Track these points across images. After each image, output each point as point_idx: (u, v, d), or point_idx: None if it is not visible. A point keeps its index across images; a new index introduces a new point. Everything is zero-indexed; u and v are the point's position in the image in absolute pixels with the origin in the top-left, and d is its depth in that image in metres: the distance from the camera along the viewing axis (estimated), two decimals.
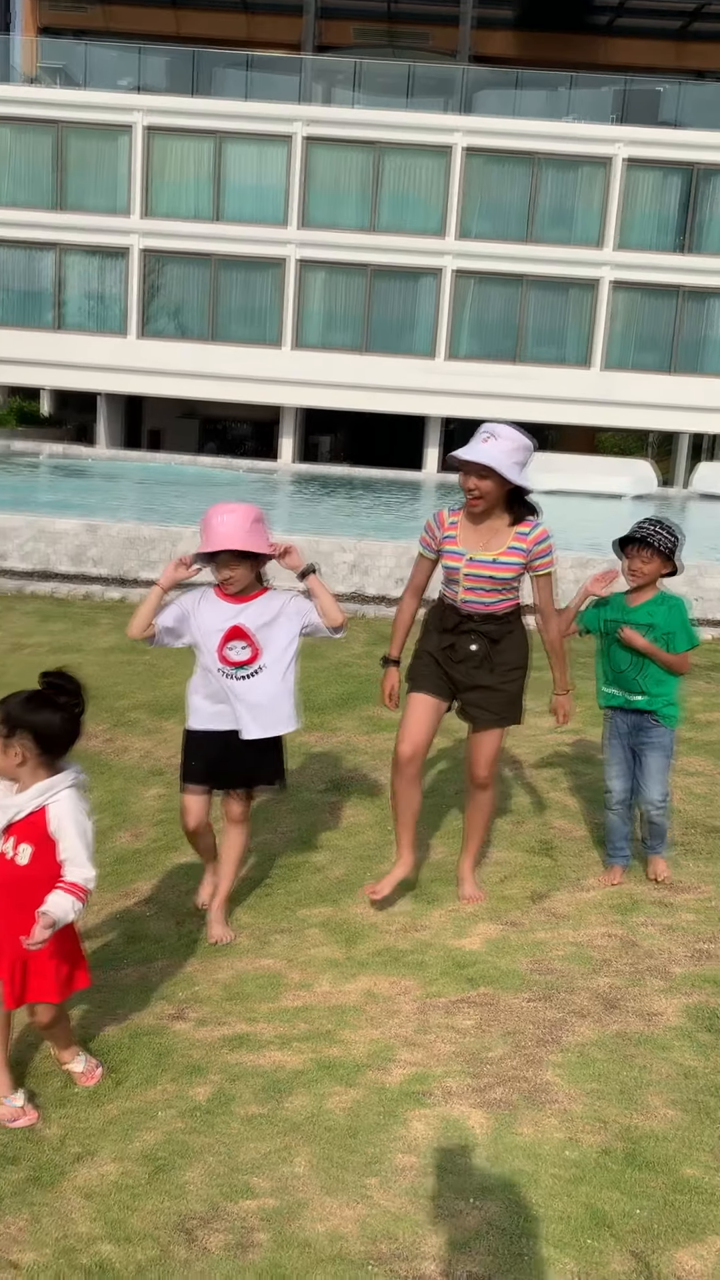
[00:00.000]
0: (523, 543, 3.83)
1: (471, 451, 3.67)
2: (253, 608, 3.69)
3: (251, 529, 3.56)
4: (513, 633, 3.96)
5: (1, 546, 11.36)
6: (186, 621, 3.71)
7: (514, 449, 3.68)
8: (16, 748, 2.70)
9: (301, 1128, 2.85)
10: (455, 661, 3.96)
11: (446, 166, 30.33)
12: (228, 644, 3.66)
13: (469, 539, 3.86)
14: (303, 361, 31.02)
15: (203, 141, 30.40)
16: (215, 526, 3.55)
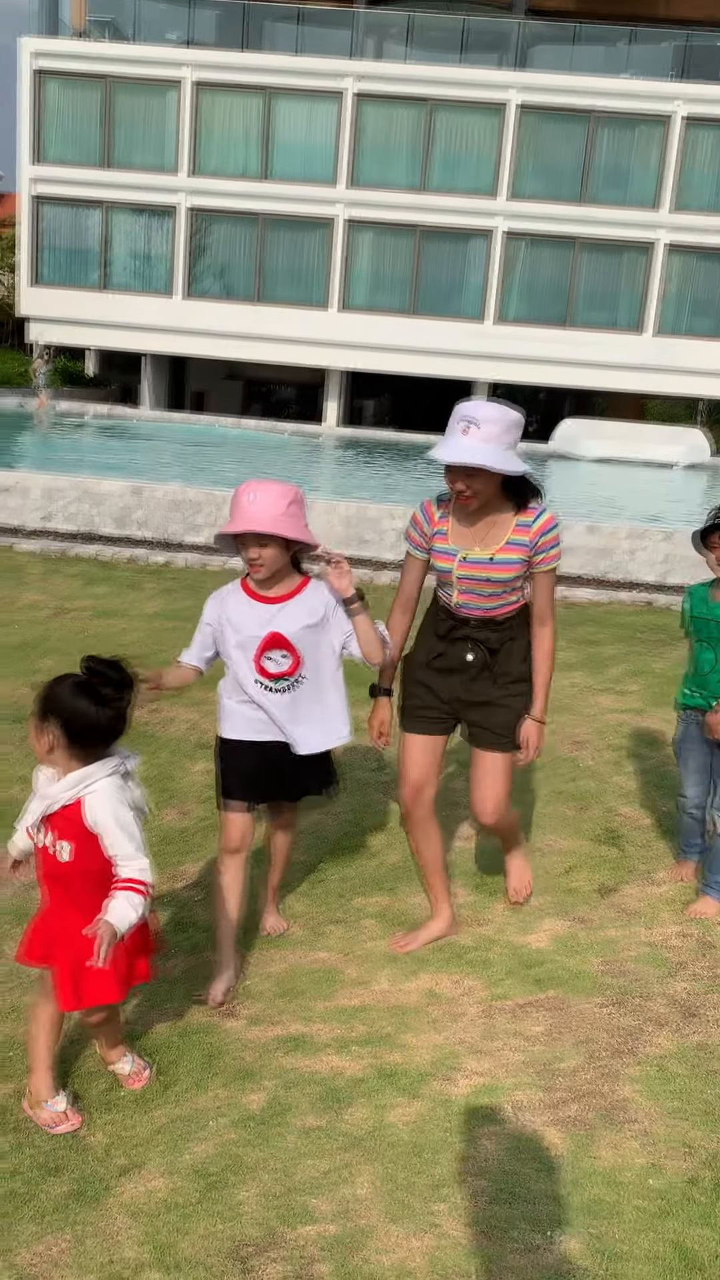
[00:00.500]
0: (524, 535, 3.24)
1: (452, 451, 3.08)
2: (291, 608, 3.17)
3: (287, 511, 3.04)
4: (516, 640, 3.38)
5: (47, 508, 11.20)
6: (221, 633, 3.21)
7: (500, 432, 3.08)
8: (48, 733, 2.46)
9: (363, 1143, 2.65)
10: (448, 673, 3.40)
11: (500, 124, 29.59)
12: (265, 654, 3.16)
13: (462, 535, 3.27)
14: (349, 323, 30.57)
15: (252, 98, 29.86)
16: (244, 505, 3.04)
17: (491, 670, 3.38)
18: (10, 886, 3.79)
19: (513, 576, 3.27)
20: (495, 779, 3.48)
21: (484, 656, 3.36)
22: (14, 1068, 2.82)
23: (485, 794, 3.48)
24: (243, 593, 3.21)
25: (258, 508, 3.01)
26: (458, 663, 3.38)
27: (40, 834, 2.56)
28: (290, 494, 3.08)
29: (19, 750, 5.05)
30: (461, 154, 30.00)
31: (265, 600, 3.17)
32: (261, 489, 3.05)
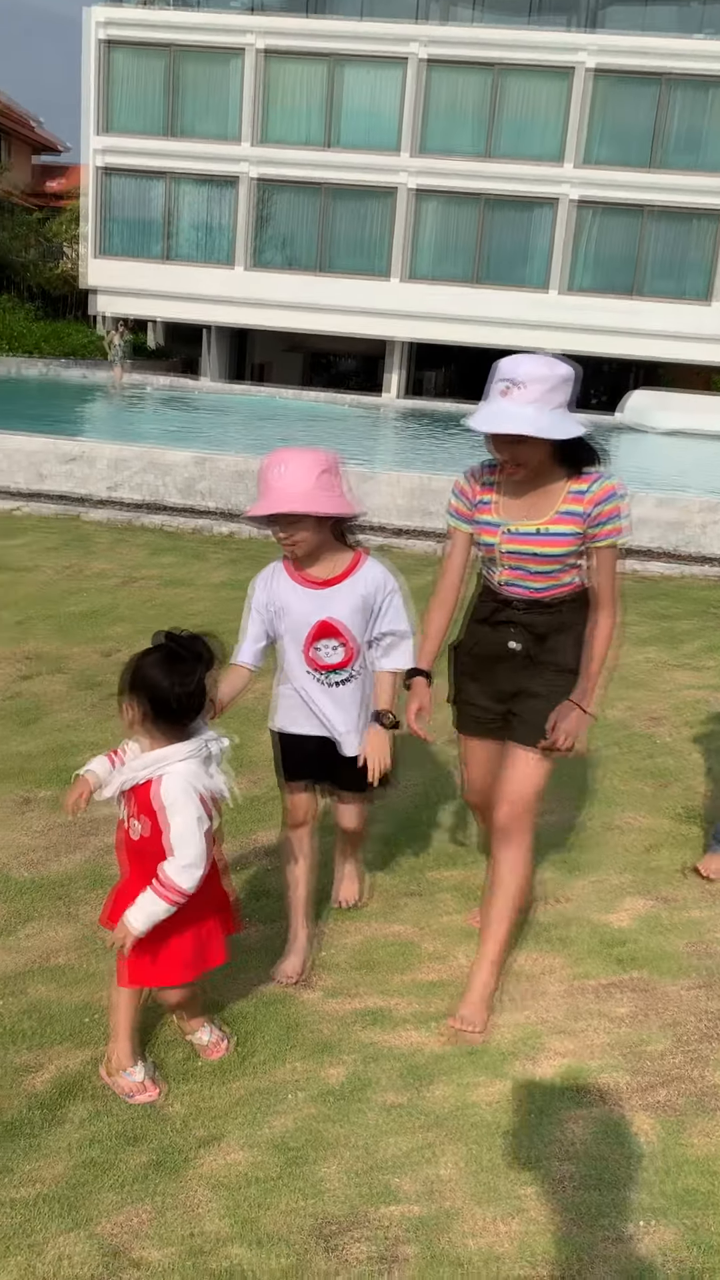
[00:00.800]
0: (579, 503, 2.78)
1: (489, 418, 2.68)
2: (343, 593, 2.87)
3: (318, 482, 2.73)
4: (570, 628, 2.92)
5: (113, 477, 11.22)
6: (273, 617, 2.95)
7: (546, 392, 2.65)
8: (131, 707, 2.40)
9: (446, 1122, 2.58)
10: (492, 663, 3.00)
11: (569, 89, 28.94)
12: (315, 643, 2.91)
13: (509, 506, 2.85)
14: (412, 293, 30.26)
15: (317, 64, 29.54)
16: (271, 480, 2.74)
17: (535, 659, 2.93)
18: (84, 851, 3.77)
19: (564, 552, 2.82)
20: (525, 771, 2.93)
21: (529, 644, 2.92)
22: (91, 1034, 2.79)
23: (511, 784, 2.94)
24: (287, 575, 2.92)
25: (285, 482, 2.72)
26: (501, 650, 2.96)
27: (120, 806, 2.52)
28: (321, 462, 2.76)
29: (90, 716, 5.04)
30: (529, 120, 29.42)
31: (312, 584, 2.89)
32: (289, 461, 2.74)
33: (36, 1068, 2.66)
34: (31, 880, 3.56)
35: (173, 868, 2.39)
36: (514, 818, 2.94)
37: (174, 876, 2.38)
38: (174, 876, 2.38)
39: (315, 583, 2.89)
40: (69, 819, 3.97)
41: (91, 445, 11.59)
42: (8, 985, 2.99)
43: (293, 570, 2.90)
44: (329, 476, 2.76)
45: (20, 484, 11.28)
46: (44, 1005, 2.91)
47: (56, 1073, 2.65)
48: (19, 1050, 2.72)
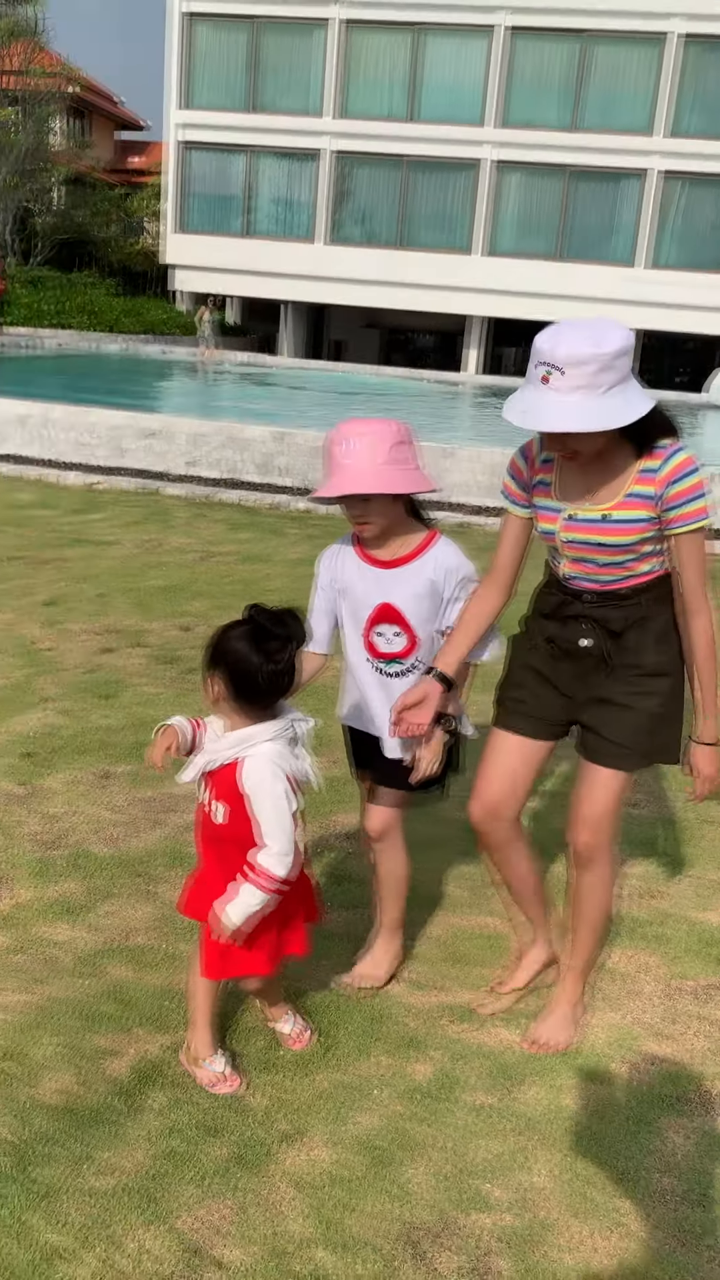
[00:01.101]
0: (649, 485, 2.37)
1: (531, 414, 2.26)
2: (409, 575, 2.63)
3: (390, 456, 2.48)
4: (650, 620, 2.50)
5: (193, 453, 11.20)
6: (337, 597, 2.72)
7: (596, 373, 2.20)
8: (214, 683, 2.27)
9: (538, 1126, 2.46)
10: (557, 661, 2.61)
11: (659, 57, 28.15)
12: (375, 627, 2.68)
13: (570, 487, 2.46)
14: (493, 268, 29.84)
15: (401, 35, 29.17)
16: (338, 458, 2.50)
17: (610, 660, 2.54)
18: (164, 828, 3.71)
19: (634, 540, 2.41)
20: (605, 791, 2.57)
21: (603, 641, 2.53)
22: (170, 1019, 2.72)
23: (590, 805, 2.59)
24: (354, 552, 2.69)
25: (355, 458, 2.48)
26: (571, 648, 2.57)
27: (200, 789, 2.41)
28: (392, 434, 2.51)
29: (170, 691, 4.99)
30: (617, 89, 28.74)
31: (377, 563, 2.66)
32: (356, 434, 2.49)
33: (117, 1052, 2.60)
34: (111, 856, 3.50)
35: (267, 856, 2.27)
36: (595, 846, 2.61)
37: (269, 866, 2.27)
38: (269, 866, 2.27)
39: (380, 562, 2.65)
40: (148, 795, 3.93)
41: (170, 420, 11.58)
42: (87, 965, 2.93)
43: (362, 549, 2.68)
44: (403, 449, 2.52)
45: (101, 458, 11.32)
46: (124, 987, 2.85)
47: (136, 1058, 2.58)
48: (100, 1033, 2.66)
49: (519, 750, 2.69)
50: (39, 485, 10.29)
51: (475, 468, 10.88)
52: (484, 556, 2.71)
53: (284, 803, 2.27)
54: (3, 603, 6.21)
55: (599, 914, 2.72)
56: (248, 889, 2.28)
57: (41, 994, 2.80)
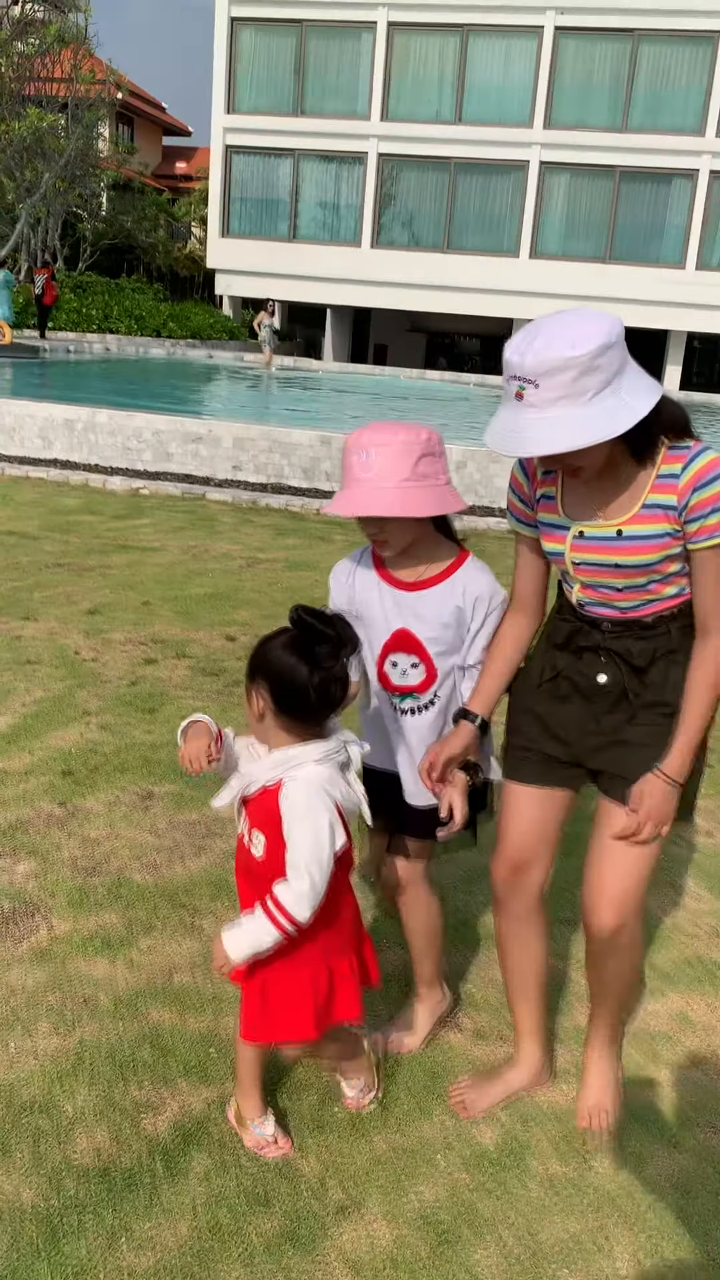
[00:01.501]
0: (669, 493, 2.01)
1: (509, 439, 1.90)
2: (433, 600, 2.28)
3: (415, 471, 2.12)
4: (676, 653, 2.15)
5: (237, 457, 11.05)
6: (356, 618, 2.29)
7: (577, 379, 1.83)
8: (256, 697, 2.01)
9: (617, 1201, 2.23)
10: (570, 701, 2.25)
11: (712, 55, 27.69)
12: (389, 656, 2.34)
13: (578, 500, 2.11)
14: (539, 271, 29.51)
15: (447, 36, 28.95)
16: (355, 470, 2.14)
17: (635, 699, 2.18)
18: (208, 854, 3.52)
19: (656, 559, 2.05)
20: (629, 863, 2.19)
21: (622, 677, 2.18)
22: (216, 1069, 2.53)
23: (604, 877, 2.22)
24: (373, 569, 2.34)
25: (375, 473, 2.12)
26: (585, 686, 2.22)
27: (238, 818, 2.14)
28: (418, 444, 2.13)
29: (214, 704, 4.81)
30: (667, 89, 28.31)
31: (399, 585, 2.30)
32: (377, 444, 2.12)
33: (156, 1106, 2.40)
34: (153, 885, 3.32)
35: (288, 891, 1.98)
36: (620, 928, 2.21)
37: (288, 903, 1.98)
38: (288, 903, 1.98)
39: (401, 584, 2.30)
40: (191, 818, 3.74)
41: (215, 425, 11.44)
42: (125, 1006, 2.74)
43: (382, 566, 2.33)
44: (430, 462, 2.15)
45: (146, 463, 11.21)
46: (164, 1032, 2.65)
47: (178, 1114, 2.39)
48: (138, 1084, 2.47)
49: (536, 800, 2.35)
50: (84, 490, 10.19)
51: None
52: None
53: (324, 835, 1.98)
54: (45, 611, 6.07)
55: (624, 995, 2.41)
56: (260, 922, 2.00)
57: (76, 1038, 2.61)
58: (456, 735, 2.31)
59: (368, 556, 2.36)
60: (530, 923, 2.43)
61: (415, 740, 2.38)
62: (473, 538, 9.16)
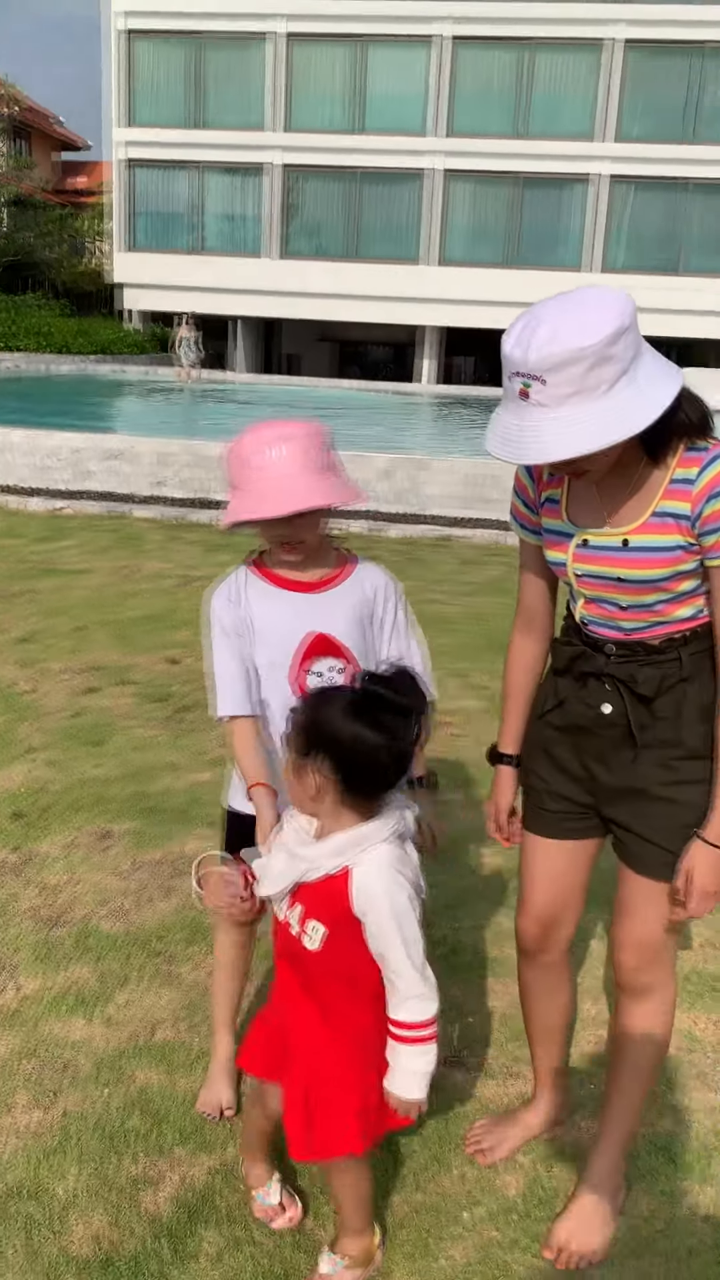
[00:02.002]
0: (682, 500, 1.80)
1: (520, 445, 1.68)
2: (342, 597, 2.16)
3: (326, 461, 2.04)
4: (691, 682, 1.91)
5: (159, 473, 10.82)
6: (249, 646, 2.14)
7: (588, 371, 1.61)
8: (313, 773, 1.74)
9: (656, 1245, 2.11)
10: (575, 735, 2.04)
11: (602, 63, 28.21)
12: (309, 666, 2.14)
13: (584, 504, 1.91)
14: (445, 278, 29.71)
15: (345, 47, 29.02)
16: (268, 468, 1.99)
17: (638, 733, 1.94)
18: (177, 895, 3.33)
19: (664, 575, 1.84)
20: (652, 914, 2.00)
21: (626, 708, 1.94)
22: (215, 1133, 2.35)
23: (628, 929, 2.05)
24: (262, 579, 2.17)
25: (293, 467, 1.99)
26: (590, 716, 1.99)
27: (281, 904, 1.86)
28: (319, 435, 2.05)
29: (165, 733, 4.62)
30: (561, 96, 28.76)
31: (302, 588, 2.14)
32: (285, 438, 2.00)
33: (155, 1181, 2.22)
34: (123, 933, 3.12)
35: (406, 1008, 1.78)
36: (645, 968, 2.05)
37: (419, 1015, 1.77)
38: (419, 1015, 1.77)
39: (305, 586, 2.14)
40: (154, 857, 3.55)
41: (134, 440, 11.20)
42: (108, 1070, 2.55)
43: (268, 572, 2.16)
44: (331, 453, 2.08)
45: (65, 482, 10.90)
46: (153, 1095, 2.47)
47: (179, 1187, 2.21)
48: (132, 1157, 2.28)
49: (558, 854, 2.15)
50: (2, 513, 9.84)
51: (451, 479, 10.61)
52: (469, 571, 2.39)
53: (413, 920, 1.76)
54: None
55: (650, 1061, 2.12)
56: (409, 1054, 1.79)
57: (59, 1110, 2.41)
58: (503, 783, 2.20)
59: (249, 574, 2.18)
60: (558, 970, 2.29)
61: None
62: (404, 546, 9.09)
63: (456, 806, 3.95)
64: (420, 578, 7.55)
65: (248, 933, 2.45)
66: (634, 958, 2.05)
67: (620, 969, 2.09)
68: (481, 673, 5.40)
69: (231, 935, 2.45)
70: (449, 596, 7.03)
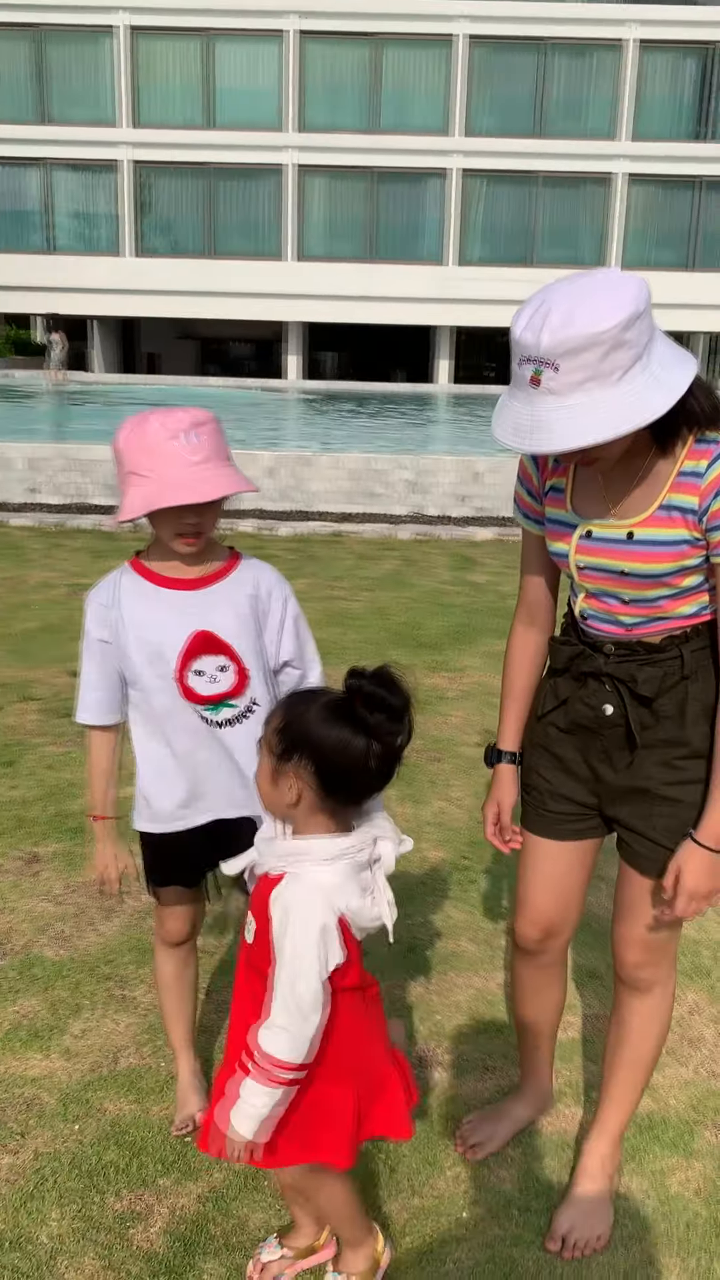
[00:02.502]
0: (690, 493, 1.75)
1: (531, 435, 1.62)
2: (225, 593, 2.08)
3: (226, 448, 2.00)
4: (694, 682, 1.88)
5: (32, 479, 10.49)
6: (123, 649, 2.08)
7: (605, 356, 1.56)
8: (292, 778, 1.63)
9: (655, 1226, 2.13)
10: (575, 735, 2.02)
11: (449, 58, 28.59)
12: (192, 664, 2.06)
13: (589, 494, 1.87)
14: (306, 274, 29.67)
15: (190, 41, 28.66)
16: (182, 454, 1.91)
17: (638, 734, 1.92)
18: (120, 916, 3.22)
19: (669, 570, 1.80)
20: (649, 914, 1.98)
21: (624, 708, 1.92)
22: (197, 1157, 2.26)
23: (629, 930, 2.03)
24: (141, 578, 2.08)
25: (209, 452, 1.94)
26: (592, 717, 1.96)
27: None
28: (216, 420, 2.00)
29: (78, 748, 4.47)
30: (413, 91, 29.03)
31: (185, 585, 2.07)
32: (196, 422, 1.94)
33: (143, 1215, 2.13)
34: (68, 959, 2.99)
35: (265, 1032, 1.62)
36: (647, 964, 2.04)
37: (269, 1045, 1.61)
38: (269, 1045, 1.61)
39: (188, 583, 2.06)
40: (89, 878, 3.42)
41: (3, 446, 10.81)
42: (76, 1104, 2.44)
43: (148, 571, 2.08)
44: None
45: None
46: (128, 1126, 2.37)
47: (170, 1219, 2.12)
48: (115, 1193, 2.18)
49: (560, 855, 2.11)
50: None
51: (337, 474, 10.59)
52: (366, 566, 2.40)
53: (312, 954, 1.60)
54: None
55: (650, 1052, 2.11)
56: (249, 1087, 1.63)
57: (29, 1151, 2.29)
58: (504, 782, 2.15)
59: (127, 574, 2.09)
60: (554, 969, 2.26)
61: (245, 760, 2.09)
62: (296, 543, 9.04)
63: (386, 801, 3.93)
64: (318, 575, 7.51)
65: (184, 951, 2.37)
66: (638, 955, 2.03)
67: (623, 965, 2.07)
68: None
69: (168, 955, 2.36)
70: (349, 592, 7.02)
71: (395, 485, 10.68)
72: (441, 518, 10.58)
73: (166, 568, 2.06)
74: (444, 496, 10.73)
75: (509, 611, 6.81)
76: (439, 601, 6.91)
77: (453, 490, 10.72)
